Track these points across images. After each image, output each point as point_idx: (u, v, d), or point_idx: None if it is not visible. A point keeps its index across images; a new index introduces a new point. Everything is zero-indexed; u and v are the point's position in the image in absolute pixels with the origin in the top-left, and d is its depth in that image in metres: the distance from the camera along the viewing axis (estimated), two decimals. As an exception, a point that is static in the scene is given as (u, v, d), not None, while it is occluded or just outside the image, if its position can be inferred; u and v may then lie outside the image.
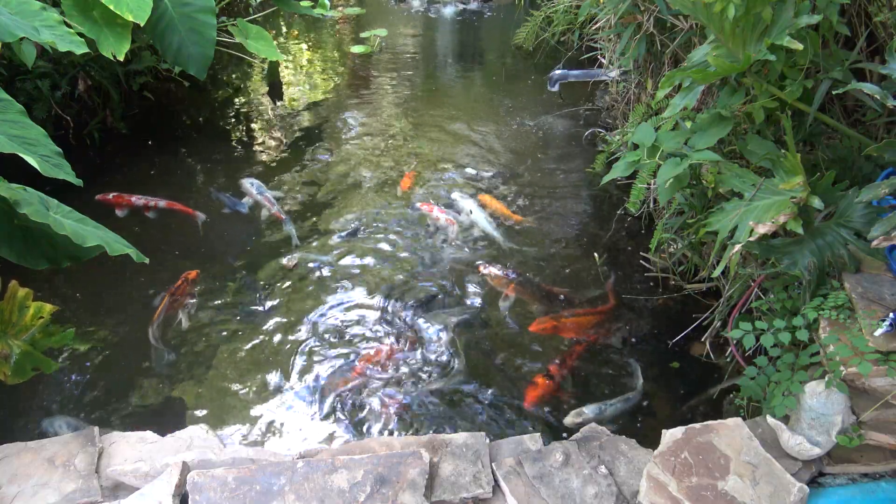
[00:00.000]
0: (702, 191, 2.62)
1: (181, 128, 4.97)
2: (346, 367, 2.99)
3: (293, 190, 4.26)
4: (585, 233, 3.90)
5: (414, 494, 1.97)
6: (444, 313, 3.30)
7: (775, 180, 2.21)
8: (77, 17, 3.47)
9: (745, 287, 2.65)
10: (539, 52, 6.02)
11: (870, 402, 1.96)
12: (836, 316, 2.07)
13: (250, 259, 3.65)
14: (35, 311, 2.45)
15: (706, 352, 2.94)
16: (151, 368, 3.00)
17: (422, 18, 7.49)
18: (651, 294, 3.38)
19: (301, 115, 5.28)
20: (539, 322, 3.22)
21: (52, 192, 2.30)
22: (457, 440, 2.20)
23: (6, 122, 2.23)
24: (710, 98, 2.89)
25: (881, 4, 2.39)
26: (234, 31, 4.69)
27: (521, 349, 3.11)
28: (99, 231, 2.34)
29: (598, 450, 2.17)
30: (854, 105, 2.66)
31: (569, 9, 5.48)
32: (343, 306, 3.33)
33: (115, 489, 2.14)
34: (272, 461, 2.12)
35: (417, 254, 3.70)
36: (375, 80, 5.94)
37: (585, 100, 5.22)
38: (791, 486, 1.88)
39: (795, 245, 2.19)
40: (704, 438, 2.01)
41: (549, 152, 4.75)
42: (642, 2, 3.23)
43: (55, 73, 4.21)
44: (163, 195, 4.02)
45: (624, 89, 4.19)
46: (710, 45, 2.32)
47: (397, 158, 4.60)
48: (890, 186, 1.96)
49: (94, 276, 3.42)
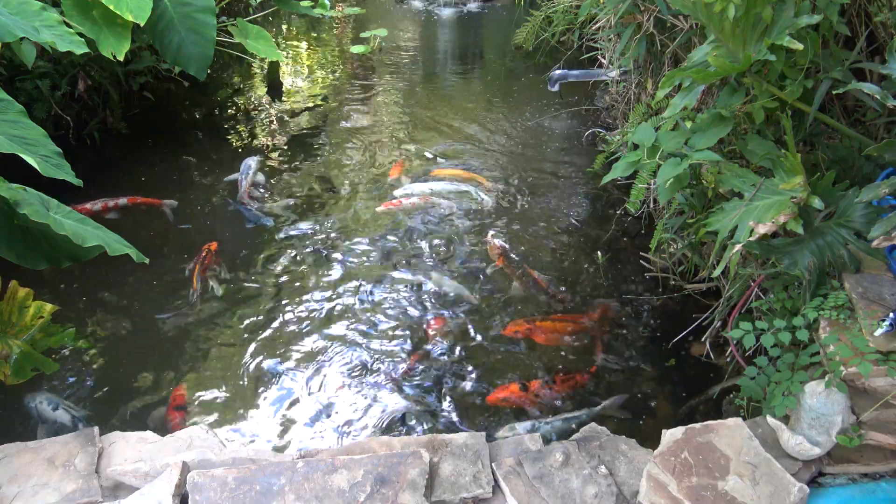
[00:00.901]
0: (702, 191, 2.62)
1: (181, 128, 4.97)
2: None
3: (293, 189, 4.26)
4: (585, 233, 3.90)
5: (414, 494, 1.97)
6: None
7: (775, 180, 2.21)
8: (77, 17, 3.47)
9: (745, 287, 2.65)
10: (539, 51, 6.02)
11: (870, 402, 1.96)
12: (836, 316, 2.07)
13: (249, 260, 3.65)
14: (35, 311, 2.46)
15: (706, 352, 2.94)
16: (151, 369, 3.00)
17: (422, 18, 7.49)
18: (651, 294, 3.38)
19: (301, 114, 5.28)
20: (514, 325, 3.16)
21: (52, 192, 2.30)
22: (457, 440, 2.20)
23: (6, 123, 2.23)
24: (710, 98, 2.89)
25: (881, 4, 2.39)
26: (234, 31, 4.69)
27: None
28: (99, 231, 2.34)
29: (598, 450, 2.17)
30: (854, 105, 2.66)
31: (569, 9, 5.48)
32: (342, 306, 3.34)
33: (115, 489, 2.13)
34: (272, 461, 2.12)
35: (418, 247, 3.71)
36: (375, 80, 5.94)
37: (585, 100, 5.22)
38: (791, 486, 1.88)
39: (795, 245, 2.18)
40: (704, 438, 2.01)
41: (549, 152, 4.75)
42: (642, 2, 3.23)
43: (55, 73, 4.21)
44: (162, 195, 4.02)
45: (624, 89, 4.19)
46: (710, 45, 2.32)
47: (396, 157, 4.61)
48: (890, 186, 1.96)
49: (93, 275, 3.42)
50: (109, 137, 4.62)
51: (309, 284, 3.47)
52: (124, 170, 4.35)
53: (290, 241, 3.79)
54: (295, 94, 5.67)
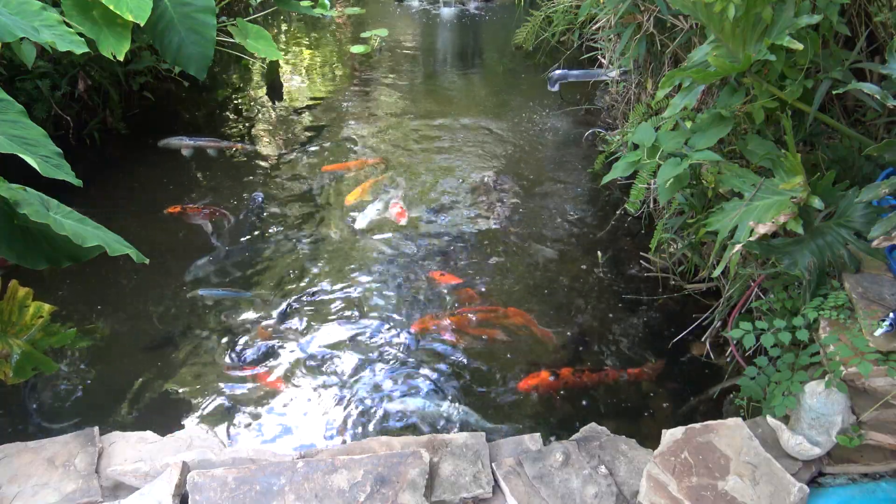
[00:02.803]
0: (702, 191, 2.62)
1: (181, 128, 4.96)
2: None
3: (293, 188, 4.26)
4: (585, 233, 3.90)
5: (414, 494, 1.97)
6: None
7: (775, 180, 2.21)
8: (77, 17, 3.47)
9: (745, 287, 2.65)
10: (539, 51, 6.02)
11: (870, 402, 1.96)
12: (836, 316, 2.07)
13: (249, 261, 3.65)
14: (35, 311, 2.46)
15: (706, 352, 2.94)
16: (151, 369, 3.00)
17: (422, 18, 7.48)
18: (651, 294, 3.38)
19: (301, 114, 5.28)
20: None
21: (52, 192, 2.30)
22: (457, 440, 2.20)
23: (6, 123, 2.23)
24: (710, 98, 2.89)
25: (881, 4, 2.39)
26: (234, 31, 4.69)
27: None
28: (99, 231, 2.34)
29: (598, 450, 2.17)
30: (854, 105, 2.66)
31: (569, 9, 5.48)
32: (341, 303, 3.34)
33: (115, 489, 2.13)
34: (272, 461, 2.12)
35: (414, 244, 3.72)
36: (375, 79, 5.94)
37: (585, 100, 5.22)
38: (791, 486, 1.88)
39: (795, 245, 2.19)
40: (704, 438, 2.01)
41: (549, 152, 4.75)
42: (642, 2, 3.23)
43: (55, 73, 4.21)
44: (162, 195, 4.01)
45: (624, 89, 4.19)
46: (710, 45, 2.32)
47: (395, 155, 4.61)
48: (890, 186, 1.96)
49: (93, 275, 3.42)
50: (109, 137, 4.62)
51: (304, 282, 3.47)
52: (124, 170, 4.35)
53: (289, 243, 3.79)
54: (295, 94, 5.67)
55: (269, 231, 3.87)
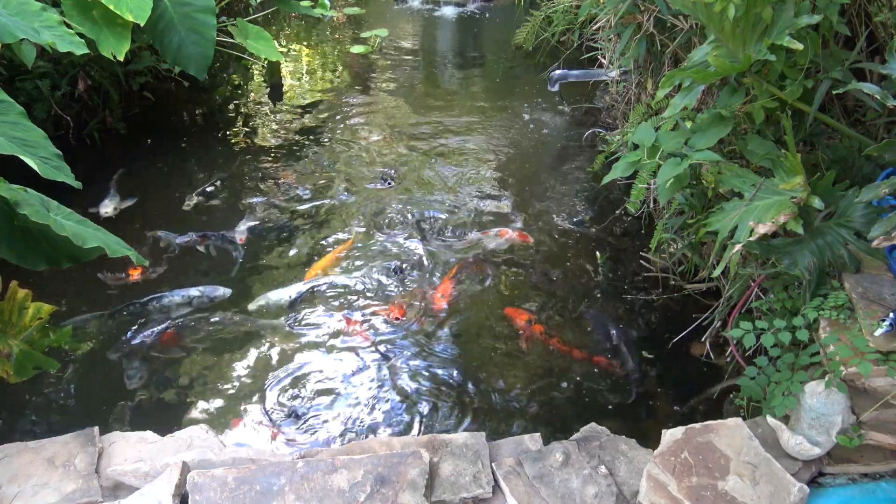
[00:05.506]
0: (702, 191, 2.62)
1: (181, 128, 4.97)
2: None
3: (293, 187, 4.26)
4: (585, 233, 3.90)
5: (414, 494, 1.97)
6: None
7: (775, 180, 2.21)
8: (77, 18, 3.47)
9: (745, 287, 2.65)
10: (539, 51, 6.02)
11: (870, 402, 1.96)
12: (836, 316, 2.07)
13: (248, 261, 3.66)
14: (34, 312, 2.46)
15: (706, 352, 2.95)
16: (151, 368, 3.00)
17: (422, 18, 7.48)
18: (651, 294, 3.38)
19: (301, 114, 5.28)
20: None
21: (52, 192, 2.30)
22: (457, 440, 2.20)
23: (6, 124, 2.23)
24: (710, 98, 2.89)
25: (881, 4, 2.39)
26: (234, 31, 4.69)
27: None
28: (99, 233, 2.34)
29: (598, 450, 2.17)
30: (854, 105, 2.66)
31: (569, 9, 5.48)
32: (340, 303, 3.34)
33: (115, 489, 2.14)
34: (272, 461, 2.12)
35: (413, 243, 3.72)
36: (375, 79, 5.94)
37: (585, 100, 5.22)
38: (791, 486, 1.88)
39: (795, 245, 2.18)
40: (704, 438, 2.01)
41: (549, 152, 4.75)
42: (642, 2, 3.23)
43: (55, 74, 4.21)
44: (162, 195, 4.01)
45: (624, 89, 4.19)
46: (710, 45, 2.32)
47: (394, 155, 4.61)
48: (890, 186, 1.96)
49: (93, 274, 3.42)
50: (109, 137, 4.62)
51: (300, 276, 3.48)
52: (124, 170, 4.34)
53: (287, 246, 3.79)
54: (295, 94, 5.67)
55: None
